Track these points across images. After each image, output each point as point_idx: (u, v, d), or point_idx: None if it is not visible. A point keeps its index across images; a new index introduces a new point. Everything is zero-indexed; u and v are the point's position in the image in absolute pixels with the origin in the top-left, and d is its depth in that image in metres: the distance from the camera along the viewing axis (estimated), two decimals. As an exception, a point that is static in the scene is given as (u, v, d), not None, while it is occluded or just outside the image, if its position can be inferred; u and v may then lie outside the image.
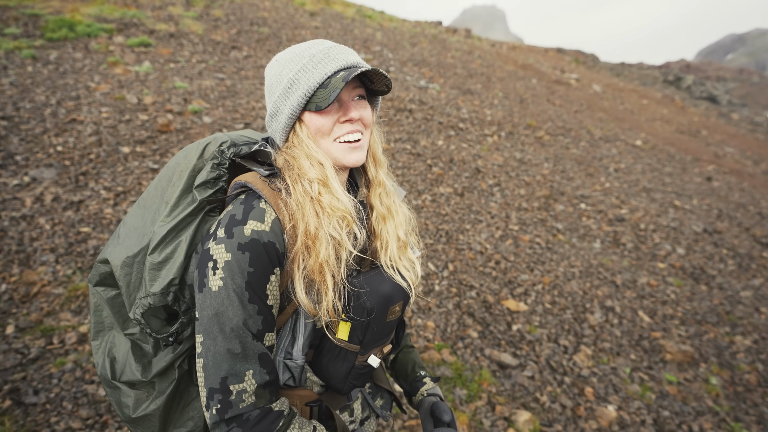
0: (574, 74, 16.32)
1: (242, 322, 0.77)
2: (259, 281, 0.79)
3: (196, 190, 0.87)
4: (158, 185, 0.93)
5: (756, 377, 3.29)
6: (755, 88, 40.81)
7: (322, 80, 0.83)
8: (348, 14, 13.62)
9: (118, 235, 0.92)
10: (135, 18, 8.32)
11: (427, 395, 1.14)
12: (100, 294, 0.93)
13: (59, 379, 2.24)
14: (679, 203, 6.54)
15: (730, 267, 4.97)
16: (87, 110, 4.82)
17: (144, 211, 0.92)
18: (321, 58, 0.84)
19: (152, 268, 0.84)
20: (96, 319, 0.96)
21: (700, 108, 18.36)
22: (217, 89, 6.21)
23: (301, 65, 0.85)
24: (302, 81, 0.84)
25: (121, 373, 0.91)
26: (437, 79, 9.51)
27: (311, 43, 0.89)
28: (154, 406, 0.90)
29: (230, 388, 0.76)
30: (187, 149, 0.94)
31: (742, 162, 10.79)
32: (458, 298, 3.53)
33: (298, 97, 0.84)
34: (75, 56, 6.37)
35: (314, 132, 0.87)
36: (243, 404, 0.77)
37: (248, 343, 0.78)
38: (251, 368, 0.78)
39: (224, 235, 0.79)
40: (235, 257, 0.77)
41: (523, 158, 6.70)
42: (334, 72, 0.83)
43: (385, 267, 0.95)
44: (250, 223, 0.80)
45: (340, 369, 0.92)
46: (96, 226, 3.38)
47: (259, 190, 0.84)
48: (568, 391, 2.83)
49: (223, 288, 0.77)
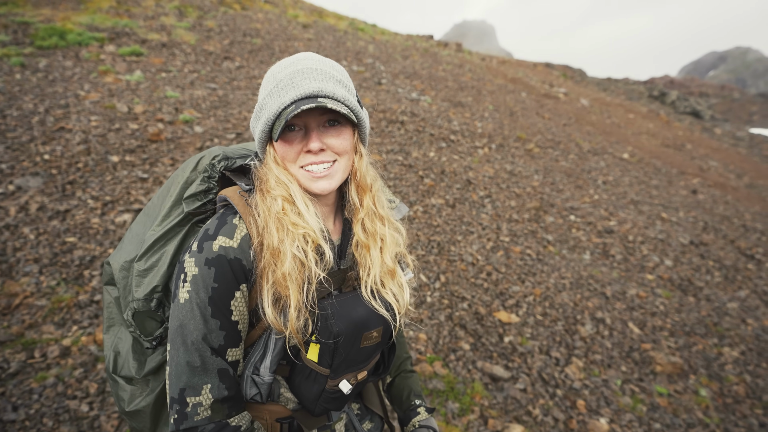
0: (563, 88, 16.66)
1: (202, 336, 0.78)
2: (222, 297, 0.80)
3: (184, 201, 0.90)
4: (161, 195, 0.97)
5: (744, 389, 3.32)
6: (736, 104, 42.02)
7: (278, 111, 0.81)
8: (340, 27, 13.77)
9: (122, 242, 0.98)
10: (127, 27, 8.30)
11: (419, 427, 1.09)
12: (109, 292, 0.99)
13: (40, 394, 2.17)
14: (666, 215, 6.65)
15: (717, 279, 5.04)
16: (76, 118, 4.77)
17: (146, 219, 0.97)
18: (285, 84, 0.82)
19: (137, 274, 0.89)
20: (108, 314, 1.01)
21: (685, 122, 18.83)
22: (209, 99, 6.20)
23: (269, 89, 0.85)
24: (266, 108, 0.84)
25: (121, 367, 0.96)
26: (429, 91, 9.62)
27: (291, 61, 0.87)
28: (145, 402, 0.93)
29: (187, 400, 0.78)
30: (188, 161, 0.97)
31: (725, 175, 11.04)
32: (450, 309, 3.52)
33: (262, 124, 0.85)
34: (65, 64, 6.32)
35: (281, 158, 0.87)
36: (198, 417, 0.78)
37: (207, 358, 0.79)
38: (209, 382, 0.79)
39: (196, 249, 0.81)
40: (201, 272, 0.79)
41: (514, 170, 6.77)
42: (290, 102, 0.81)
43: (365, 292, 0.92)
44: (219, 239, 0.81)
45: (311, 390, 0.91)
46: (82, 235, 3.31)
47: (235, 205, 0.85)
48: (561, 404, 2.81)
49: (188, 301, 0.79)
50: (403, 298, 0.97)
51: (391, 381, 1.18)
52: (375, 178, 0.97)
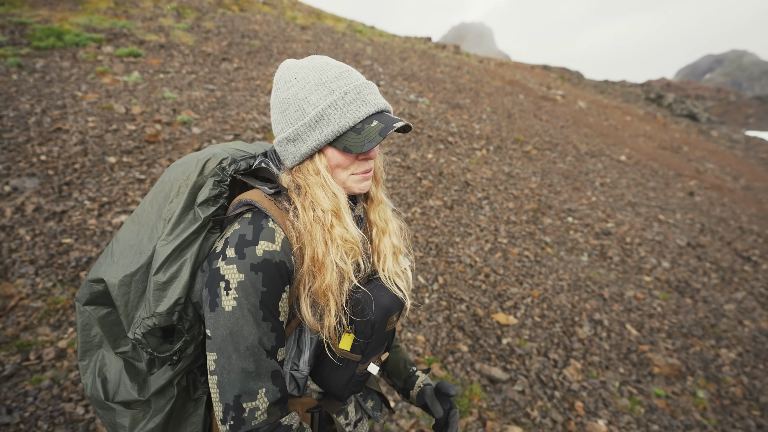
0: (560, 90, 16.71)
1: (257, 340, 0.80)
2: (272, 299, 0.82)
3: (198, 207, 0.86)
4: (154, 201, 0.91)
5: (741, 390, 3.32)
6: (732, 106, 42.25)
7: (355, 124, 0.84)
8: (339, 29, 13.79)
9: (112, 253, 0.90)
10: (125, 28, 8.28)
11: (424, 386, 1.21)
12: (90, 313, 0.91)
13: (35, 397, 2.15)
14: (663, 217, 6.68)
15: (714, 280, 5.06)
16: (73, 119, 4.75)
17: (139, 228, 0.90)
18: (353, 97, 0.85)
19: (157, 288, 0.83)
20: (84, 338, 0.94)
21: (681, 125, 18.92)
22: (207, 100, 6.19)
23: (332, 101, 0.84)
24: (333, 119, 0.84)
25: (115, 393, 0.90)
26: (427, 93, 9.64)
27: (337, 71, 0.87)
28: (152, 424, 0.89)
29: (243, 406, 0.79)
30: (184, 165, 0.92)
31: (722, 177, 11.10)
32: (448, 311, 3.51)
33: (326, 135, 0.85)
34: (62, 65, 6.30)
35: (333, 166, 0.89)
36: (255, 421, 0.80)
37: (262, 361, 0.81)
38: (264, 386, 0.81)
39: (235, 255, 0.80)
40: (249, 277, 0.79)
41: (512, 172, 6.79)
42: (366, 116, 0.84)
43: (384, 279, 0.99)
44: (261, 244, 0.81)
45: (342, 377, 0.95)
46: (79, 237, 3.30)
47: (266, 210, 0.85)
48: (559, 406, 2.81)
49: (237, 308, 0.79)
50: (407, 279, 1.04)
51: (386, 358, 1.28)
52: (382, 171, 1.04)
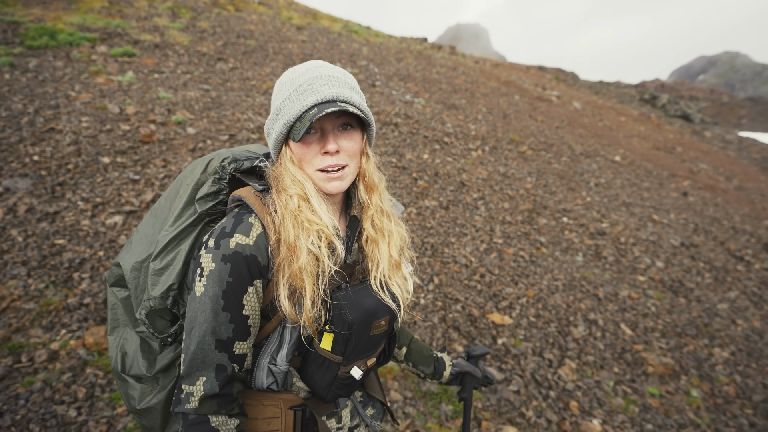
0: (555, 91, 16.79)
1: (211, 329, 0.83)
2: (236, 291, 0.84)
3: (197, 202, 0.95)
4: (168, 197, 1.01)
5: (734, 389, 3.35)
6: (725, 107, 42.65)
7: (299, 113, 0.88)
8: (335, 29, 13.78)
9: (131, 242, 1.01)
10: (119, 28, 8.23)
11: (454, 364, 1.36)
12: (116, 294, 1.02)
13: (26, 399, 2.13)
14: (657, 217, 6.72)
15: (707, 280, 5.10)
16: (66, 119, 4.71)
17: (155, 221, 1.00)
18: (304, 89, 0.89)
19: (153, 273, 0.92)
20: (112, 316, 1.05)
21: (675, 126, 19.06)
22: (202, 100, 6.16)
23: (288, 93, 0.90)
24: (285, 110, 0.90)
25: (130, 367, 0.99)
26: (422, 93, 9.65)
27: (306, 68, 0.93)
28: (156, 399, 0.97)
29: (182, 387, 0.84)
30: (194, 164, 1.01)
31: (715, 178, 11.19)
32: (444, 311, 3.51)
33: (280, 126, 0.90)
34: (55, 65, 6.25)
35: (298, 159, 0.92)
36: (188, 405, 0.83)
37: (209, 351, 0.83)
38: (205, 375, 0.83)
39: (213, 245, 0.85)
40: (218, 267, 0.83)
41: (507, 172, 6.81)
42: (311, 105, 0.87)
43: (373, 283, 0.99)
44: (236, 237, 0.85)
45: (324, 378, 0.96)
46: (72, 238, 3.27)
47: (251, 205, 0.89)
48: (554, 406, 2.82)
49: (203, 294, 0.84)
50: (407, 289, 1.06)
51: (408, 351, 1.32)
52: (381, 179, 1.04)
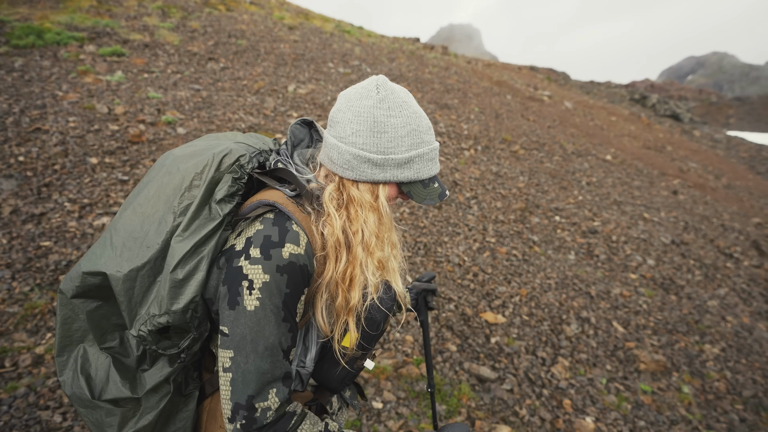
0: (547, 91, 16.89)
1: (277, 341, 0.82)
2: (293, 301, 0.84)
3: (217, 204, 0.86)
4: (160, 192, 0.88)
5: (725, 385, 3.38)
6: (714, 107, 43.26)
7: (426, 179, 0.94)
8: (327, 29, 13.74)
9: (113, 245, 0.85)
10: (108, 27, 8.13)
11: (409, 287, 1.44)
12: (78, 306, 0.87)
13: (10, 405, 2.08)
14: (648, 216, 6.77)
15: (698, 277, 5.14)
16: (53, 119, 4.63)
17: (143, 219, 0.86)
18: (432, 156, 0.94)
19: (174, 285, 0.81)
20: (63, 332, 0.89)
21: (665, 125, 19.28)
22: (193, 100, 6.10)
23: (421, 152, 0.91)
24: (415, 167, 0.92)
25: (102, 390, 0.87)
26: (415, 93, 9.64)
27: (427, 125, 0.93)
28: (145, 422, 0.88)
29: (255, 406, 0.80)
30: (196, 157, 0.91)
31: (704, 176, 11.32)
32: (437, 311, 3.50)
33: (405, 177, 0.91)
34: (42, 64, 6.15)
35: (386, 198, 0.95)
36: (267, 420, 0.82)
37: (278, 362, 0.82)
38: (275, 387, 0.82)
39: (260, 255, 0.81)
40: (274, 279, 0.81)
41: (499, 171, 6.82)
42: (433, 176, 0.95)
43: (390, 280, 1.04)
44: (288, 246, 0.82)
45: (341, 372, 0.99)
46: (58, 240, 3.21)
47: (290, 213, 0.86)
48: (547, 404, 2.82)
49: (260, 308, 0.80)
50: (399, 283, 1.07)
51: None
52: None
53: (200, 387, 1.00)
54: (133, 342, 0.90)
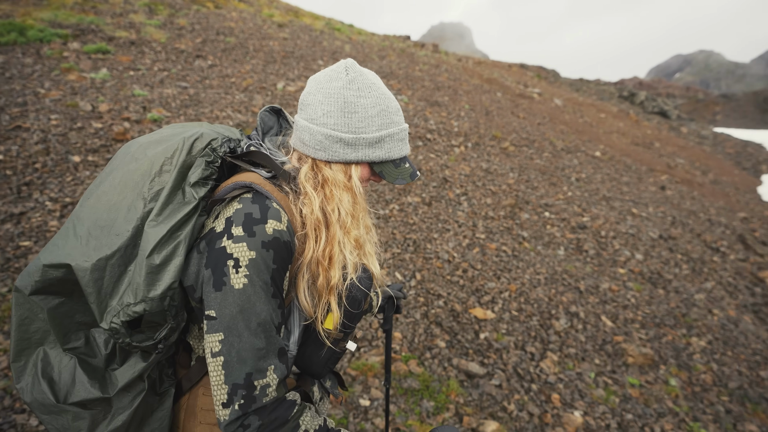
0: (537, 89, 16.97)
1: (269, 317, 0.80)
2: (280, 276, 0.83)
3: (192, 188, 0.84)
4: (127, 179, 0.84)
5: (711, 377, 3.41)
6: (700, 104, 43.83)
7: (397, 158, 0.95)
8: (317, 27, 13.65)
9: (77, 235, 0.81)
10: (93, 24, 7.98)
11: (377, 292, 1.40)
12: (37, 304, 0.81)
13: (-14, 408, 2.02)
14: (637, 211, 6.83)
15: (685, 271, 5.19)
16: (34, 117, 4.53)
17: (109, 207, 0.82)
18: (402, 137, 0.95)
19: (151, 271, 0.78)
20: (20, 335, 0.83)
21: (653, 122, 19.49)
22: (180, 98, 6.01)
23: (391, 132, 0.92)
24: (386, 147, 0.93)
25: (67, 393, 0.81)
26: (405, 91, 9.63)
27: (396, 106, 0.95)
28: (117, 423, 0.84)
29: (255, 384, 0.78)
30: (163, 142, 0.88)
31: (692, 172, 11.46)
32: (426, 307, 3.49)
33: (377, 157, 0.92)
34: (24, 61, 6.02)
35: (359, 178, 0.96)
36: (266, 398, 0.79)
37: (272, 338, 0.81)
38: (273, 363, 0.81)
39: (244, 233, 0.80)
40: (260, 254, 0.80)
41: (489, 168, 6.83)
42: (404, 156, 0.97)
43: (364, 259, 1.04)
44: (270, 222, 0.82)
45: (324, 355, 0.98)
46: (39, 239, 3.14)
47: (268, 192, 0.85)
48: (536, 399, 2.82)
49: (249, 285, 0.79)
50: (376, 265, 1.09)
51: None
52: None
53: (176, 385, 0.96)
54: (101, 340, 0.86)
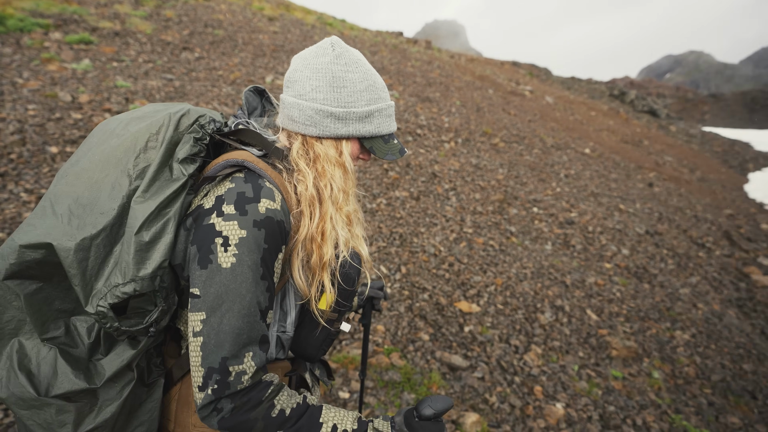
0: (528, 86, 17.02)
1: (255, 299, 0.77)
2: (271, 257, 0.80)
3: (180, 164, 0.81)
4: (110, 156, 0.80)
5: (694, 370, 3.43)
6: (690, 103, 44.35)
7: (386, 134, 0.96)
8: (308, 21, 13.53)
9: (56, 214, 0.76)
10: (76, 14, 7.81)
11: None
12: (12, 289, 0.75)
13: (-51, 403, 1.95)
14: (624, 207, 6.87)
15: (670, 266, 5.23)
16: (11, 107, 4.41)
17: (91, 185, 0.78)
18: (391, 113, 0.95)
19: (140, 248, 0.74)
20: None
21: (642, 120, 19.66)
22: (164, 90, 5.90)
23: (380, 107, 0.92)
24: (376, 122, 0.92)
25: (49, 385, 0.76)
26: (396, 86, 9.57)
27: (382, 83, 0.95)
28: (105, 415, 0.79)
29: (230, 369, 0.75)
30: (147, 118, 0.85)
31: (679, 170, 11.57)
32: (410, 300, 3.46)
33: (367, 132, 0.92)
34: (3, 51, 5.86)
35: (350, 154, 0.95)
36: (241, 386, 0.76)
37: (255, 323, 0.78)
38: (251, 350, 0.77)
39: (235, 211, 0.77)
40: (252, 234, 0.77)
41: (479, 164, 6.82)
42: (393, 132, 0.97)
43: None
44: (263, 201, 0.79)
45: (318, 337, 0.97)
46: (12, 230, 3.04)
47: (261, 170, 0.83)
48: (518, 391, 2.81)
49: (237, 264, 0.76)
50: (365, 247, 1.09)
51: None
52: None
53: (165, 375, 0.92)
54: (83, 329, 0.80)
